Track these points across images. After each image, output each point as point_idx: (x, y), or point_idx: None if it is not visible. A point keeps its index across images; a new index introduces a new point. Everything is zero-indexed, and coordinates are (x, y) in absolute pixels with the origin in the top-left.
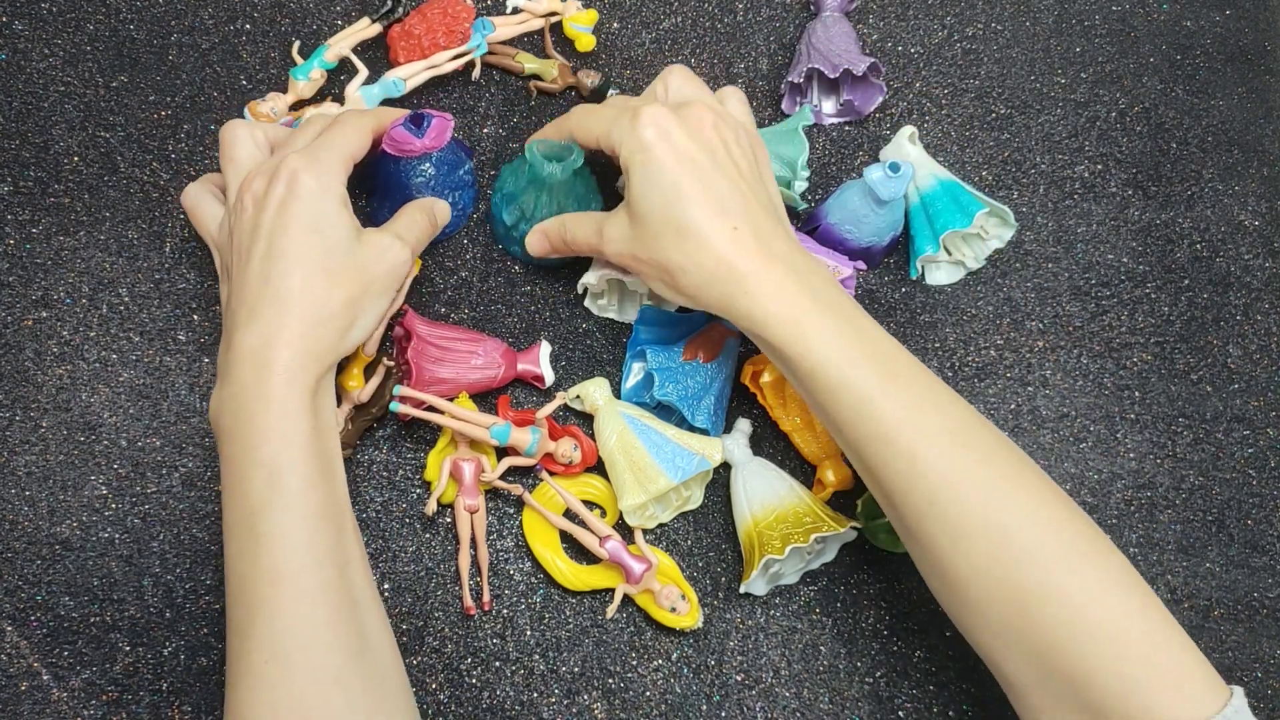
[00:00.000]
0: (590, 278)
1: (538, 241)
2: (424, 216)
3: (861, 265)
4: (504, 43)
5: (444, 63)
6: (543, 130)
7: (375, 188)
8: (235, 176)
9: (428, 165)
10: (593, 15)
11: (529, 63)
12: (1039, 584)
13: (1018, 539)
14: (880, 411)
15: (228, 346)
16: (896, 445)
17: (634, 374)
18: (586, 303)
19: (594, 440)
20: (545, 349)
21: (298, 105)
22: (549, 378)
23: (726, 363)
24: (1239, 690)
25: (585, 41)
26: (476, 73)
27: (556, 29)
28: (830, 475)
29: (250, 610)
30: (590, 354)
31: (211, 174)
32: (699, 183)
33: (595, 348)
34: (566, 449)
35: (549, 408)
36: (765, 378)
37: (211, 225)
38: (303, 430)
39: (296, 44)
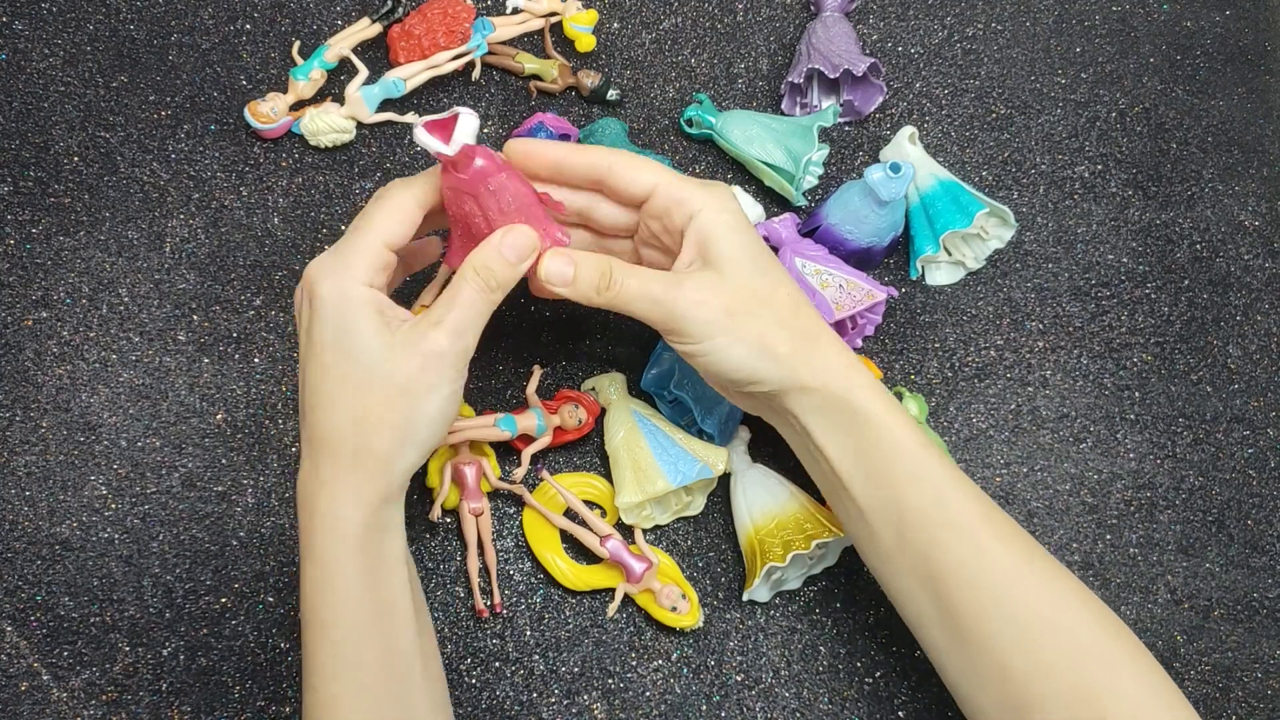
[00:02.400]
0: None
1: (558, 271)
2: (472, 288)
3: (894, 291)
4: (504, 43)
5: (444, 63)
6: (557, 151)
7: None
8: None
9: None
10: (593, 15)
11: (529, 63)
12: (1107, 684)
13: (1084, 639)
14: (955, 501)
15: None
16: (971, 537)
17: (660, 364)
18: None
19: (595, 399)
20: (467, 119)
21: (298, 105)
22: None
23: None
24: None
25: (585, 41)
26: (476, 73)
27: (557, 29)
28: (836, 513)
29: None
30: (590, 354)
31: None
32: (775, 258)
33: (595, 348)
34: (570, 411)
35: (532, 382)
36: None
37: None
38: (349, 582)
39: (296, 44)
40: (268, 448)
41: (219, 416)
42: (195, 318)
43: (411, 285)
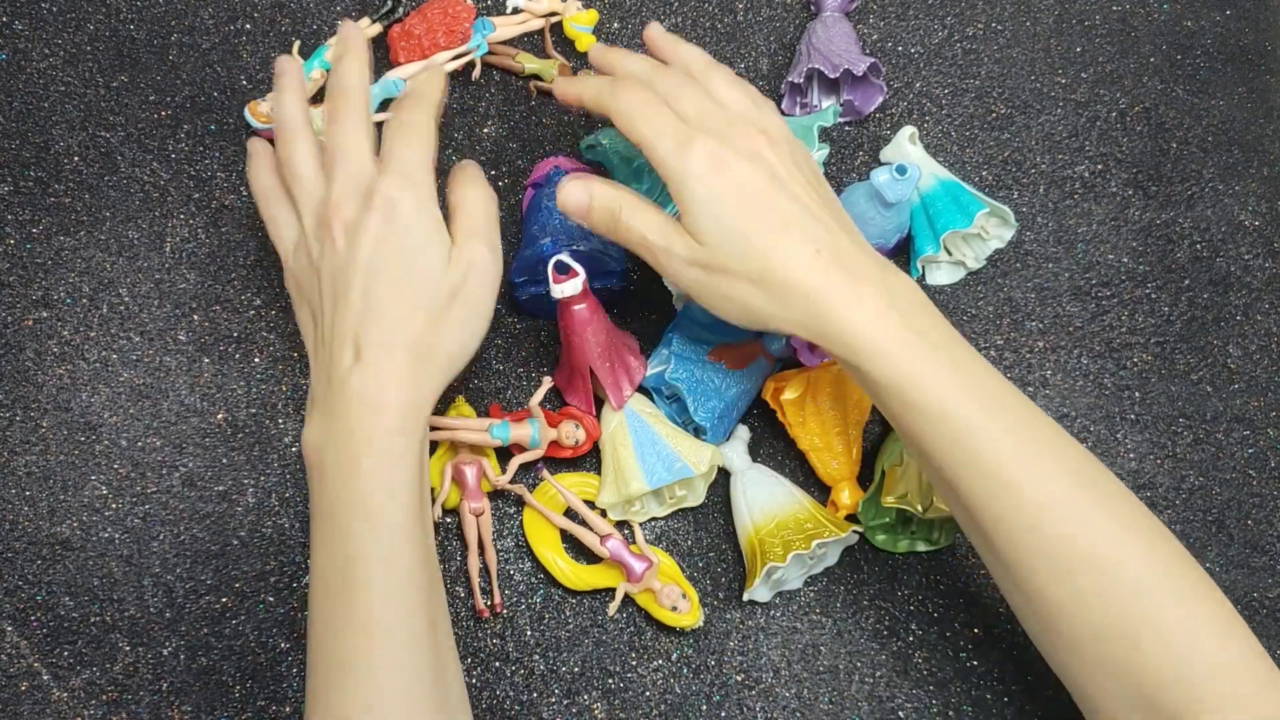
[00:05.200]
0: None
1: (575, 199)
2: (483, 197)
3: None
4: (504, 43)
5: (444, 63)
6: (569, 88)
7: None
8: (309, 196)
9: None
10: (593, 15)
11: (529, 63)
12: (1152, 620)
13: (1128, 573)
14: (982, 444)
15: (328, 383)
16: (1001, 479)
17: (660, 358)
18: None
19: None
20: (579, 278)
21: None
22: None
23: (750, 377)
24: None
25: (586, 41)
26: (476, 73)
27: (557, 29)
28: (846, 498)
29: (340, 663)
30: None
31: (264, 149)
32: (769, 211)
33: None
34: (569, 430)
35: (538, 394)
36: (786, 395)
37: (286, 241)
38: (409, 479)
39: (297, 44)
40: (268, 447)
41: (219, 416)
42: (195, 317)
43: None
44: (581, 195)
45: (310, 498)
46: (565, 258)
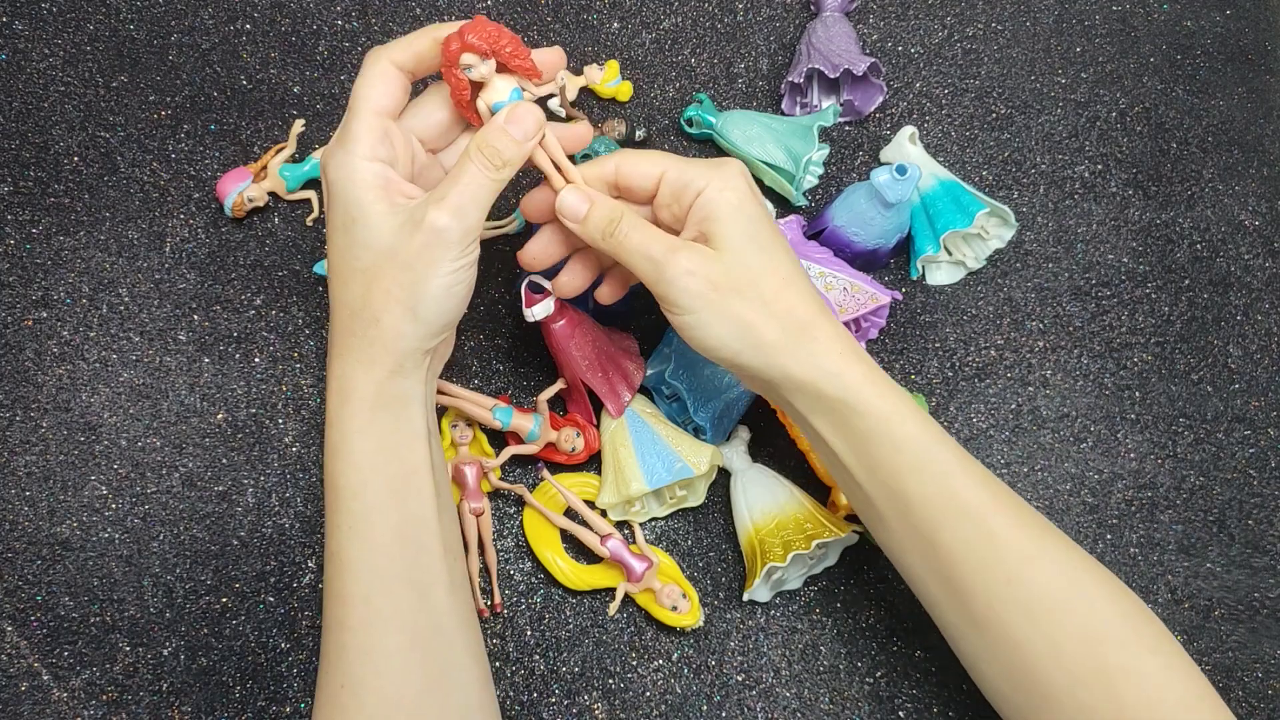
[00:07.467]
0: None
1: (572, 204)
2: (476, 167)
3: (898, 295)
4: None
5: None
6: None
7: None
8: None
9: None
10: (614, 67)
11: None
12: (1124, 666)
13: (1100, 621)
14: (963, 488)
15: None
16: (980, 523)
17: (661, 359)
18: None
19: (599, 430)
20: (550, 298)
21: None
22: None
23: None
24: None
25: (625, 90)
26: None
27: (589, 94)
28: (846, 498)
29: (330, 632)
30: None
31: None
32: (783, 245)
33: None
34: (569, 437)
35: (549, 392)
36: None
37: None
38: (366, 450)
39: (301, 124)
40: (268, 447)
41: (219, 416)
42: (195, 317)
43: None
44: (579, 202)
45: None
46: (538, 278)
